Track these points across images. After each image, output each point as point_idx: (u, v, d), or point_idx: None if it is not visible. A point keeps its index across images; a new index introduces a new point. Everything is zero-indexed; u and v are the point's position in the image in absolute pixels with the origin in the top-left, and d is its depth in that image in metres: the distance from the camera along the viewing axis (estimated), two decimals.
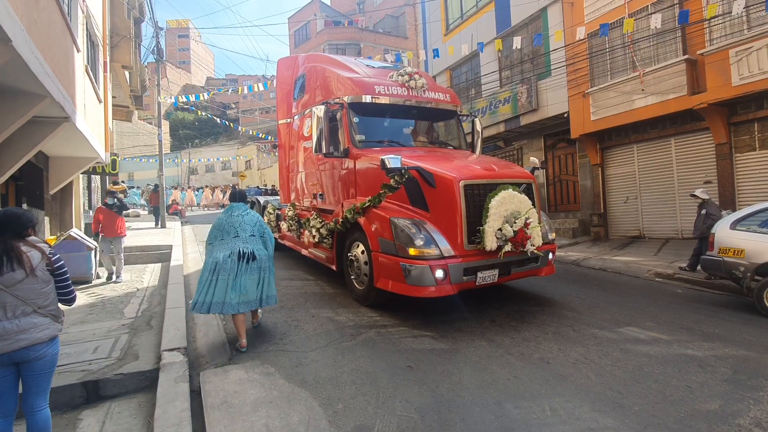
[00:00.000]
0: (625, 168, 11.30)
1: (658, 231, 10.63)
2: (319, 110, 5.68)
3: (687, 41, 9.24)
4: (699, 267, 6.64)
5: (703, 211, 7.18)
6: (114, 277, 7.36)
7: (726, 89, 8.42)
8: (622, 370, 3.56)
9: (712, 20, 8.44)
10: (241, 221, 4.27)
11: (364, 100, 5.88)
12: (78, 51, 6.79)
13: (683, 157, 10.02)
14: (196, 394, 3.28)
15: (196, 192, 30.55)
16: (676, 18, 8.67)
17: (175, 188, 29.49)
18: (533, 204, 4.88)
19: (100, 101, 9.30)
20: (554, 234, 5.77)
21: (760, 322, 4.94)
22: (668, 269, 7.47)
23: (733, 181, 8.98)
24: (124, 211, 7.67)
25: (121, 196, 7.78)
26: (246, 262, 4.08)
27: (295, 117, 7.78)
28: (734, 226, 5.66)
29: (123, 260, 7.52)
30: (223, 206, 25.07)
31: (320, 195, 6.69)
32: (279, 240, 8.66)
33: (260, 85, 15.98)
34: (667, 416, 2.88)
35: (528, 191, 5.00)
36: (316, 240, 6.23)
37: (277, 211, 8.71)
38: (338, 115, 5.85)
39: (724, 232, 5.72)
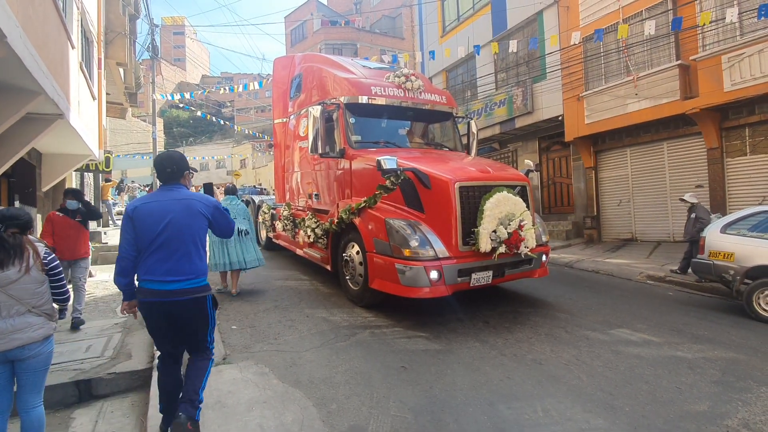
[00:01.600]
0: (618, 171, 11.40)
1: (650, 234, 10.73)
2: (316, 110, 5.70)
3: (680, 47, 9.34)
4: (690, 270, 6.73)
5: (693, 215, 7.28)
6: (70, 313, 4.63)
7: (718, 94, 8.52)
8: (613, 372, 3.60)
9: (705, 26, 8.55)
10: (237, 209, 5.99)
11: (360, 101, 5.89)
12: (73, 47, 6.74)
13: (675, 161, 10.13)
14: None
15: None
16: (670, 24, 8.77)
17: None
18: (527, 206, 4.92)
19: (94, 98, 9.22)
20: (548, 236, 5.82)
21: (748, 324, 5.01)
22: (659, 272, 7.55)
23: (724, 185, 9.10)
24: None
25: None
26: (244, 236, 5.87)
27: (291, 117, 7.77)
28: (724, 230, 5.74)
29: (85, 290, 5.21)
30: None
31: (316, 195, 6.69)
32: (274, 239, 8.64)
33: (256, 83, 15.95)
34: (657, 417, 2.92)
35: (522, 193, 5.04)
36: (311, 240, 6.23)
37: (272, 210, 8.69)
38: (334, 116, 5.86)
39: (714, 236, 5.80)
